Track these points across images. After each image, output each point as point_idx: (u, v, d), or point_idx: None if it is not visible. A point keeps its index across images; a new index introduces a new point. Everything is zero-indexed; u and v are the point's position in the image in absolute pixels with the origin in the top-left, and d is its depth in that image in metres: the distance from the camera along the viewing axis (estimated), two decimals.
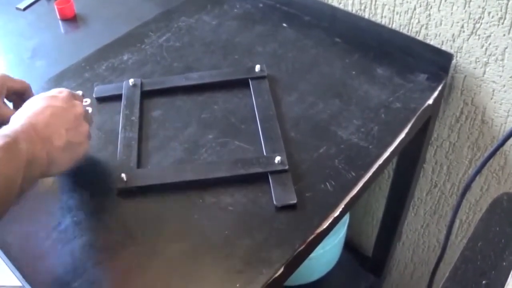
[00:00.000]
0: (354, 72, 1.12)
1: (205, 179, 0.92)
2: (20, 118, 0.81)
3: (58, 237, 0.86)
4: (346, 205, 0.88)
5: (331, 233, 0.92)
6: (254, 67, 1.11)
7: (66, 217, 0.89)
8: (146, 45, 1.25)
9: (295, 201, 0.87)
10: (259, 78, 1.10)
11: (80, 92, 1.05)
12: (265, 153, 0.95)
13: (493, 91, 1.09)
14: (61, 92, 0.89)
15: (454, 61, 1.11)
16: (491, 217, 0.79)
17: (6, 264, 0.86)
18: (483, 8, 1.00)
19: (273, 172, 0.91)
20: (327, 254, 1.60)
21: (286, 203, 0.87)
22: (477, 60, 1.08)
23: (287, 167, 0.91)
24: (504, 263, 0.72)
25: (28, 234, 0.87)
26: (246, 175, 0.92)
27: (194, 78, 1.12)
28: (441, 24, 1.09)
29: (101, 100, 1.10)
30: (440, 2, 1.06)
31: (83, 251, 0.84)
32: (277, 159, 0.92)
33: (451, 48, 1.11)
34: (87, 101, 1.04)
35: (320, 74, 1.13)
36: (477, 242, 0.75)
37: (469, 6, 1.02)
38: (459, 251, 0.79)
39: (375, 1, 1.18)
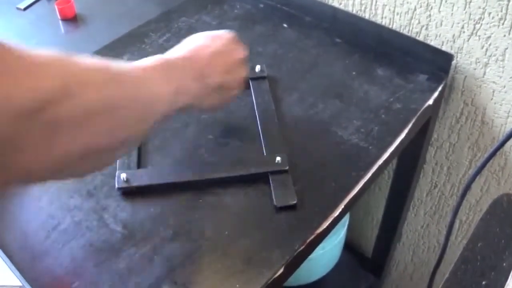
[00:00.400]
0: (354, 73, 1.12)
1: (205, 179, 0.92)
2: (180, 50, 0.82)
3: (58, 237, 0.86)
4: (346, 206, 0.88)
5: (331, 233, 0.92)
6: (254, 68, 1.11)
7: (66, 217, 0.89)
8: (146, 45, 1.25)
9: (295, 202, 0.87)
10: (259, 78, 1.10)
11: None
12: (265, 153, 0.95)
13: (493, 91, 1.09)
14: (225, 34, 0.90)
15: (454, 62, 1.11)
16: (491, 218, 0.79)
17: (6, 264, 0.86)
18: (483, 8, 1.00)
19: (273, 173, 0.91)
20: (327, 254, 1.60)
21: (286, 203, 0.87)
22: (477, 60, 1.08)
23: (287, 167, 0.91)
24: (504, 264, 0.72)
25: (28, 233, 0.87)
26: (246, 175, 0.92)
27: None
28: (441, 24, 1.09)
29: None
30: (441, 3, 1.06)
31: (83, 251, 0.84)
32: (277, 159, 0.92)
33: (452, 49, 1.11)
34: None
35: (321, 74, 1.13)
36: (477, 243, 0.75)
37: (469, 7, 1.02)
38: (459, 252, 0.79)
39: (376, 2, 1.18)
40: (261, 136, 0.98)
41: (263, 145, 0.96)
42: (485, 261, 0.72)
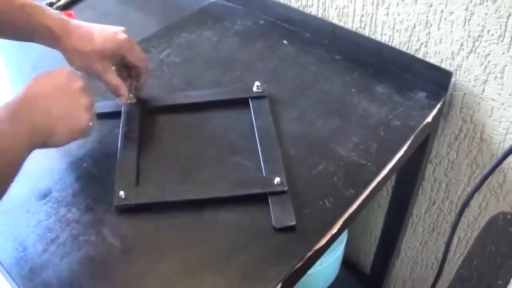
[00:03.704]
0: (353, 90, 1.13)
1: (203, 198, 0.92)
2: (20, 92, 0.84)
3: (56, 250, 0.86)
4: (344, 222, 0.88)
5: (329, 249, 0.92)
6: (254, 86, 1.11)
7: (65, 230, 0.89)
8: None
9: (294, 223, 0.86)
10: (259, 97, 1.10)
11: None
12: (264, 174, 0.95)
13: (492, 109, 1.10)
14: (61, 69, 0.91)
15: (453, 79, 1.11)
16: (487, 236, 0.79)
17: (4, 276, 0.86)
18: (482, 26, 1.01)
19: (272, 193, 0.91)
20: (325, 270, 1.60)
21: (285, 224, 0.86)
22: (476, 78, 1.08)
23: (286, 188, 0.91)
24: (499, 282, 0.72)
25: (26, 246, 0.87)
26: (245, 195, 0.92)
27: (193, 97, 1.13)
28: (440, 42, 1.10)
29: (101, 116, 1.09)
30: (440, 20, 1.07)
31: (81, 265, 0.84)
32: (277, 180, 0.91)
33: (451, 66, 1.11)
34: None
35: (320, 91, 1.13)
36: (472, 260, 0.75)
37: (468, 24, 1.03)
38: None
39: (375, 19, 1.18)
40: (261, 157, 0.98)
41: (263, 166, 0.96)
42: (480, 279, 0.72)
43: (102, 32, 0.99)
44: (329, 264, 1.57)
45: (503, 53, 1.01)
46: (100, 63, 0.99)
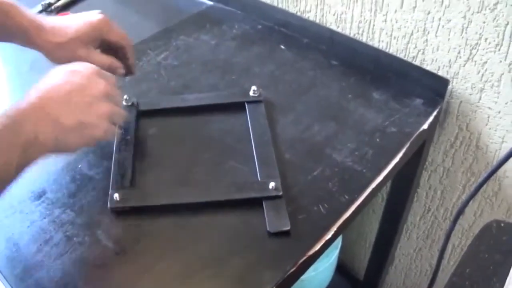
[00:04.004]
0: (350, 95, 1.13)
1: (199, 202, 0.92)
2: (33, 95, 0.79)
3: (49, 251, 0.86)
4: (338, 228, 0.88)
5: (323, 255, 0.92)
6: (250, 90, 1.12)
7: (58, 231, 0.88)
8: (143, 62, 1.25)
9: (288, 228, 0.86)
10: (255, 102, 1.11)
11: None
12: (259, 178, 0.95)
13: (488, 117, 1.10)
14: (87, 68, 0.86)
15: (450, 87, 1.12)
16: (480, 244, 0.78)
17: None
18: (480, 34, 1.01)
19: (267, 198, 0.91)
20: (319, 276, 1.60)
21: (279, 229, 0.86)
22: (473, 86, 1.08)
23: (281, 193, 0.91)
24: None
25: (19, 246, 0.87)
26: (240, 199, 0.91)
27: (190, 100, 1.13)
28: (438, 49, 1.10)
29: None
30: (438, 28, 1.07)
31: (74, 267, 0.84)
32: (271, 185, 0.91)
33: (447, 74, 1.11)
34: None
35: (317, 96, 1.13)
36: (465, 268, 0.75)
37: (466, 32, 1.03)
38: None
39: (373, 26, 1.18)
40: (256, 161, 0.98)
41: (258, 170, 0.96)
42: (473, 287, 0.72)
43: (75, 19, 0.97)
44: (323, 270, 1.57)
45: (500, 61, 1.01)
46: (81, 48, 0.96)
